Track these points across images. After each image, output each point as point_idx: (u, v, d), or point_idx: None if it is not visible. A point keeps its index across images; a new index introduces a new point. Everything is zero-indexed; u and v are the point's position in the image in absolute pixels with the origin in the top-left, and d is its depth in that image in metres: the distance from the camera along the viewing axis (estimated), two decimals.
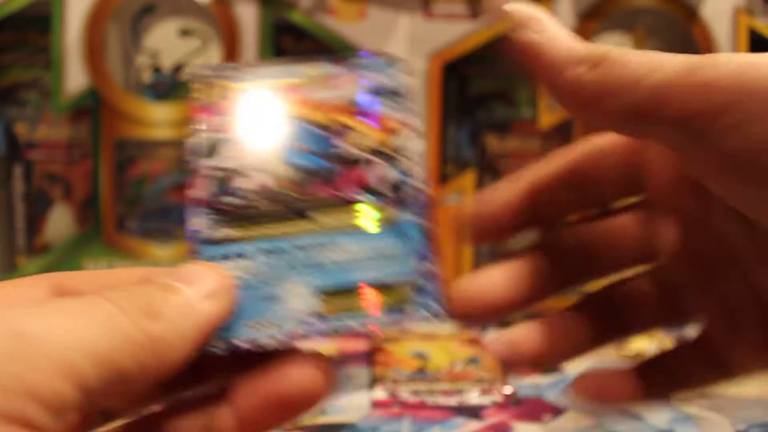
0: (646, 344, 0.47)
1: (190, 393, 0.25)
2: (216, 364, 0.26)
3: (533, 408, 0.42)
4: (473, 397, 0.43)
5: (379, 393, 0.44)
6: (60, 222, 0.59)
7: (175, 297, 0.22)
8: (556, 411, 0.41)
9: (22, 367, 0.18)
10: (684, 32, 0.59)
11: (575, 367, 0.33)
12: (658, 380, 0.29)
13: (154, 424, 0.24)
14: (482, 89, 0.60)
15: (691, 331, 0.31)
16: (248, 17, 0.58)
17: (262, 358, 0.24)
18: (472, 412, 0.41)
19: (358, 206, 0.26)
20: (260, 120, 0.27)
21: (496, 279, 0.26)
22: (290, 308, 0.24)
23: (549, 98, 0.58)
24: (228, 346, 0.23)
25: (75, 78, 0.57)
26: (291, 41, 0.58)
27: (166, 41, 0.59)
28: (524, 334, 0.25)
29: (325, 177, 0.26)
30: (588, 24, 0.58)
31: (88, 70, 0.57)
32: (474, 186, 0.59)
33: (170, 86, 0.59)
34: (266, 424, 0.23)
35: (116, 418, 0.25)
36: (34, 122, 0.58)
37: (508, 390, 0.44)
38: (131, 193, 0.59)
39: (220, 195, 0.26)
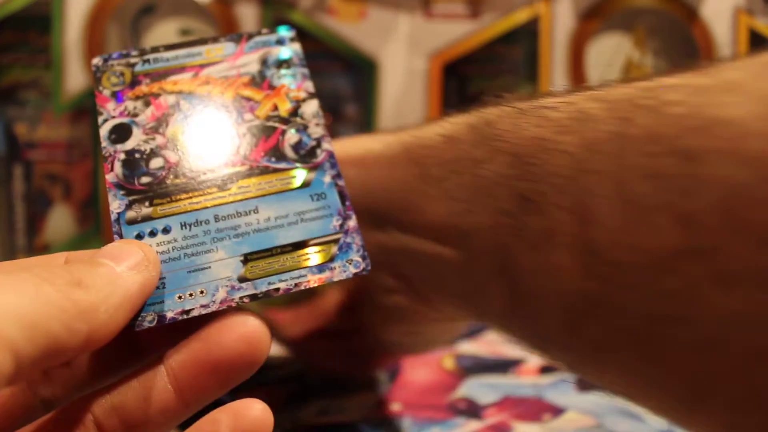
0: None
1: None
2: (153, 343, 0.26)
3: (533, 408, 0.42)
4: None
5: None
6: (60, 222, 0.59)
7: (101, 269, 0.22)
8: (556, 411, 0.41)
9: None
10: (684, 32, 0.59)
11: None
12: None
13: (92, 402, 0.24)
14: (482, 89, 0.60)
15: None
16: (248, 17, 0.58)
17: (196, 330, 0.24)
18: (472, 412, 0.41)
19: (274, 173, 0.27)
20: (168, 101, 0.28)
21: None
22: (217, 276, 0.25)
23: None
24: (158, 318, 0.24)
25: (75, 78, 0.57)
26: None
27: (166, 41, 0.59)
28: None
29: (238, 149, 0.27)
30: (588, 24, 0.58)
31: (88, 70, 0.57)
32: None
33: None
34: (204, 390, 0.24)
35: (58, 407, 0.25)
36: (34, 122, 0.58)
37: None
38: None
39: (136, 176, 0.26)
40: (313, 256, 0.25)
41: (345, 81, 0.59)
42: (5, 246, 0.58)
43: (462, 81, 0.59)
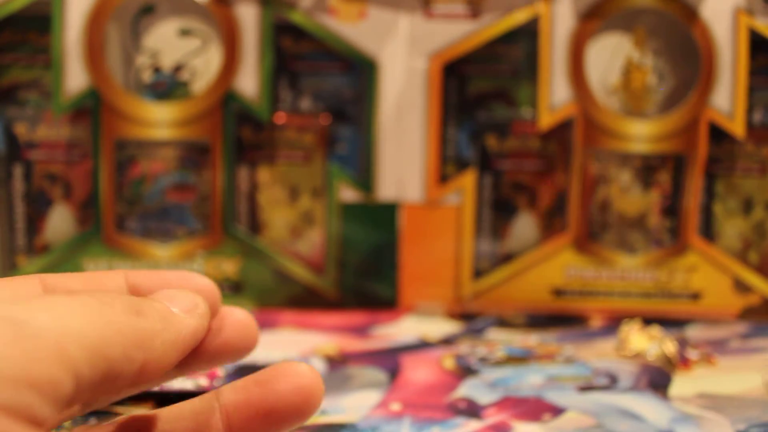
0: (646, 344, 0.47)
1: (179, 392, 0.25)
2: (194, 360, 0.27)
3: (533, 408, 0.42)
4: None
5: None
6: (60, 222, 0.59)
7: (157, 304, 0.23)
8: (556, 411, 0.41)
9: (20, 354, 0.18)
10: (684, 32, 0.59)
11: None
12: None
13: (145, 425, 0.24)
14: (482, 89, 0.60)
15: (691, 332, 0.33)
16: (248, 17, 0.58)
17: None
18: (472, 412, 0.41)
19: None
20: None
21: None
22: None
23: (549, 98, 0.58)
24: None
25: (75, 78, 0.57)
26: (291, 41, 0.58)
27: (166, 41, 0.59)
28: None
29: None
30: (588, 24, 0.58)
31: (88, 70, 0.57)
32: (474, 186, 0.59)
33: (170, 86, 0.59)
34: None
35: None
36: (34, 122, 0.58)
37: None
38: (131, 193, 0.59)
39: None
40: None
41: (345, 81, 0.59)
42: (5, 246, 0.58)
43: (462, 81, 0.59)
